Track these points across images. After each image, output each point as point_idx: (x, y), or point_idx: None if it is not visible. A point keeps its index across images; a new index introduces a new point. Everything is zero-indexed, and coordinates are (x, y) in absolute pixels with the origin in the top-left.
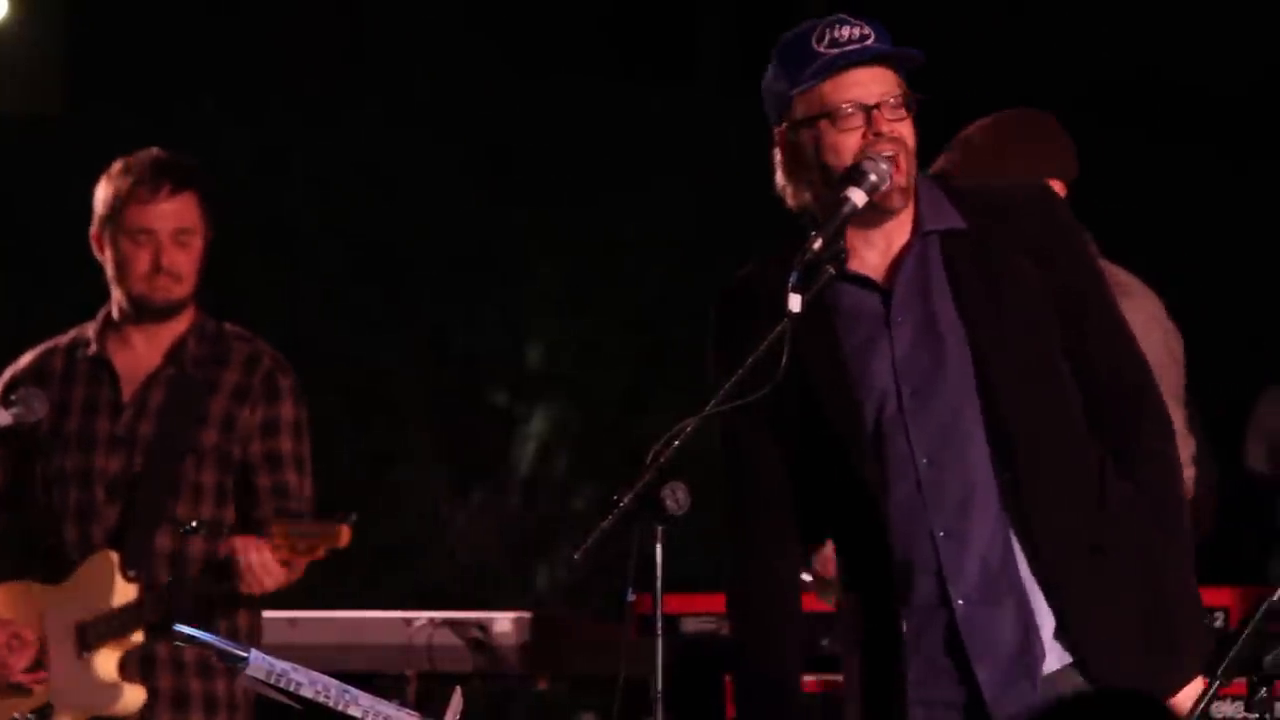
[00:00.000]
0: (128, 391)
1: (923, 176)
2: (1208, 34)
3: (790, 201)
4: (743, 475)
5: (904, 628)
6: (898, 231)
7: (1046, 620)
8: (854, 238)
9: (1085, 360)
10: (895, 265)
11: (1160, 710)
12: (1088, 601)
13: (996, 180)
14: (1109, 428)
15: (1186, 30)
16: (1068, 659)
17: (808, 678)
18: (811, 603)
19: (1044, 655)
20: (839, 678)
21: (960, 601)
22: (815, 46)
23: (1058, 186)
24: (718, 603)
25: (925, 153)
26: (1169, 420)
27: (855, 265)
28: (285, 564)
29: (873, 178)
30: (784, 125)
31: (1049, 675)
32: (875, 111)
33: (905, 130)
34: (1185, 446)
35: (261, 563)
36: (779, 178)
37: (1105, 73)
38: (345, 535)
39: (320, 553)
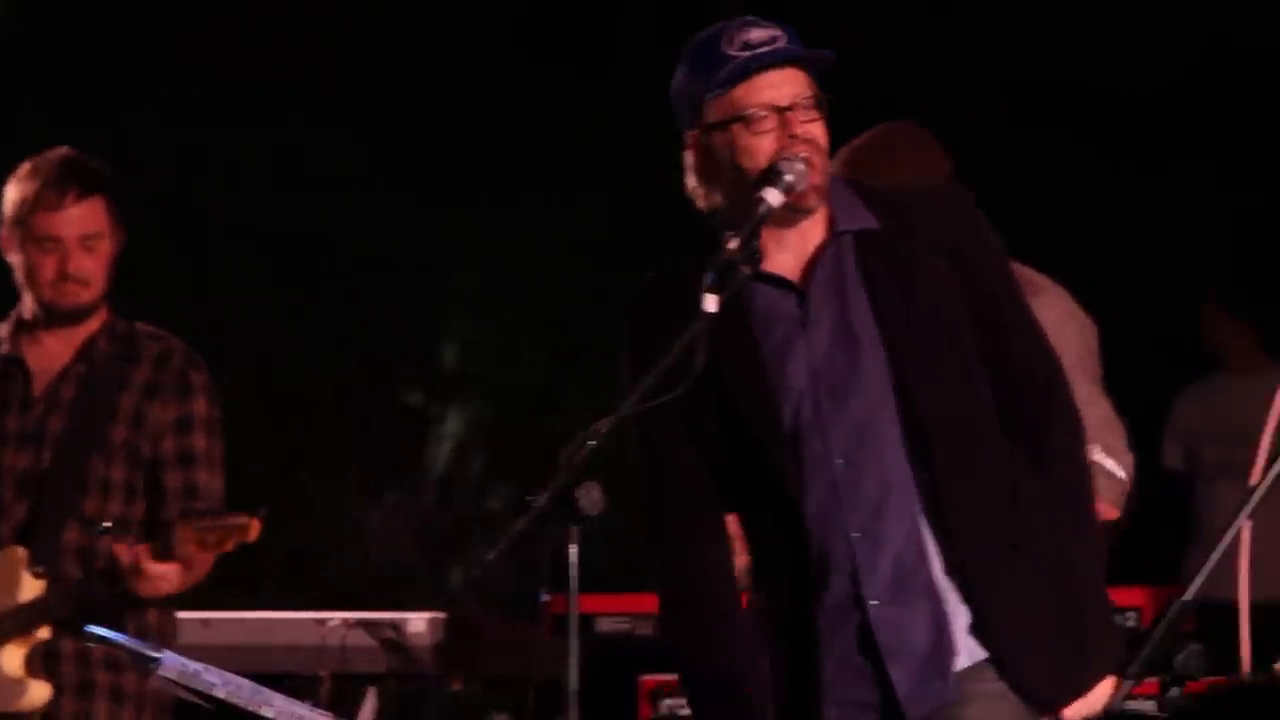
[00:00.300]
0: (38, 388)
1: (836, 178)
2: (1120, 37)
3: (701, 204)
4: (661, 476)
5: (818, 627)
6: (812, 232)
7: (960, 619)
8: (769, 239)
9: (997, 360)
10: (810, 266)
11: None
12: (1003, 600)
13: (911, 182)
14: (1020, 427)
15: (1099, 33)
16: (980, 655)
17: None
18: None
19: (956, 653)
20: None
21: (874, 601)
22: (725, 50)
23: None
24: (632, 603)
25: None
26: (1079, 420)
27: (770, 266)
28: (185, 560)
29: (788, 178)
30: (696, 129)
31: (961, 672)
32: (788, 113)
33: (818, 131)
34: (1118, 434)
35: (142, 568)
36: (690, 180)
37: (1020, 75)
38: (255, 528)
39: (229, 545)
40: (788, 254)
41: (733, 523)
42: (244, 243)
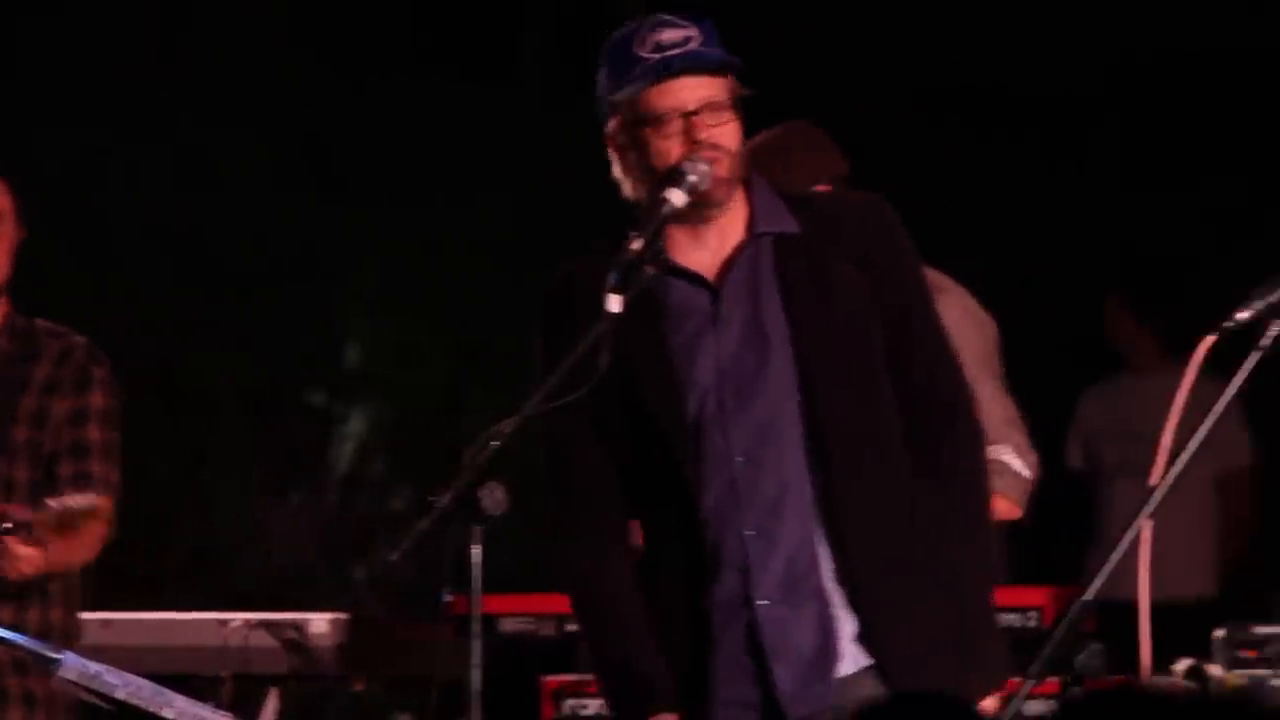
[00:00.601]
0: None
1: (760, 179)
2: (1027, 39)
3: (628, 193)
4: (566, 473)
5: (710, 624)
6: (731, 231)
7: (847, 625)
8: (686, 236)
9: (904, 374)
10: (727, 265)
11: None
12: (891, 610)
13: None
14: (922, 442)
15: (1007, 35)
16: (865, 663)
17: None
18: None
19: (841, 659)
20: None
21: (762, 601)
22: (637, 51)
23: (827, 188)
24: (535, 603)
25: None
26: (981, 438)
27: (687, 262)
28: (41, 542)
29: (692, 178)
30: (612, 128)
31: (844, 678)
32: (694, 118)
33: (726, 134)
34: (1022, 432)
35: (7, 548)
36: (615, 170)
37: (926, 76)
38: (103, 506)
39: (78, 527)
40: (705, 251)
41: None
42: (146, 242)
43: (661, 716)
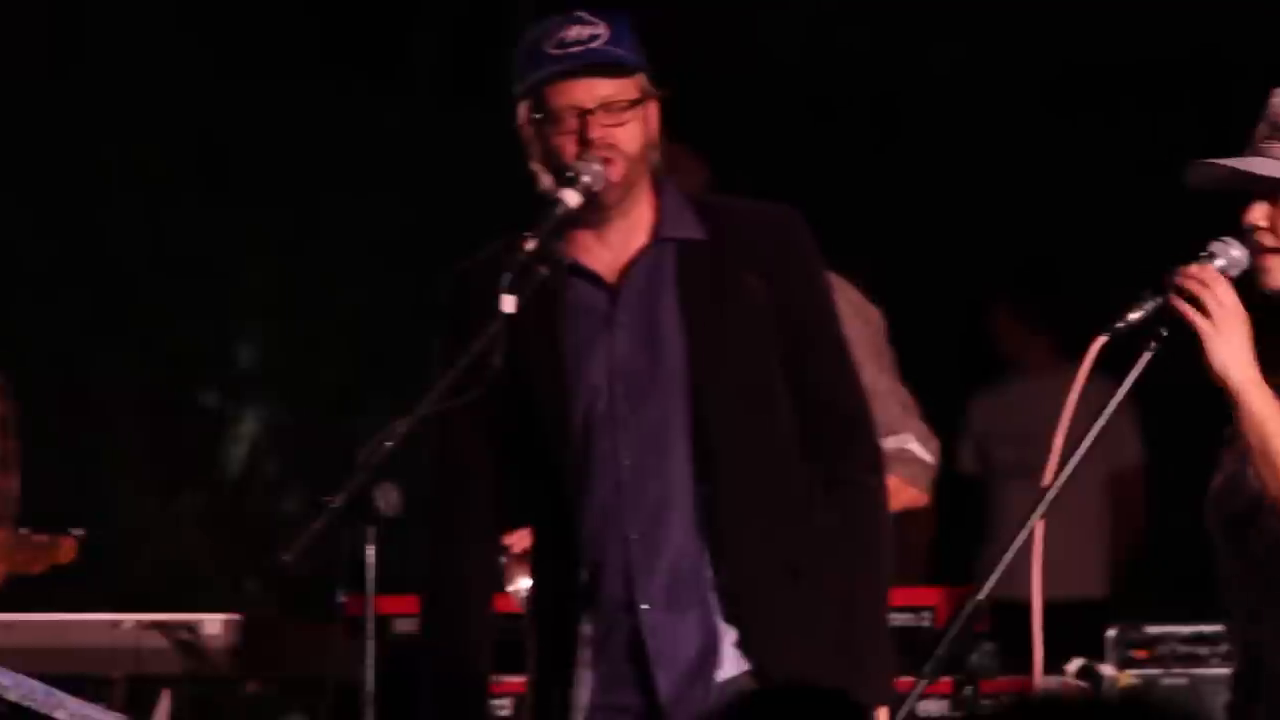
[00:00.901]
0: None
1: (670, 184)
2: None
3: (543, 185)
4: (449, 472)
5: (589, 630)
6: (634, 234)
7: (730, 632)
8: (589, 236)
9: (803, 387)
10: (628, 267)
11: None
12: (774, 620)
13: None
14: (820, 455)
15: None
16: (746, 666)
17: None
18: None
19: (721, 665)
20: None
21: (646, 606)
22: (544, 47)
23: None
24: None
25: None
26: (880, 454)
27: (589, 262)
28: None
29: (585, 179)
30: (521, 121)
31: (725, 682)
32: (589, 117)
33: (625, 135)
34: (919, 417)
35: None
36: (530, 163)
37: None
38: (69, 549)
39: (37, 568)
40: (608, 252)
41: (521, 540)
42: (39, 242)
43: None
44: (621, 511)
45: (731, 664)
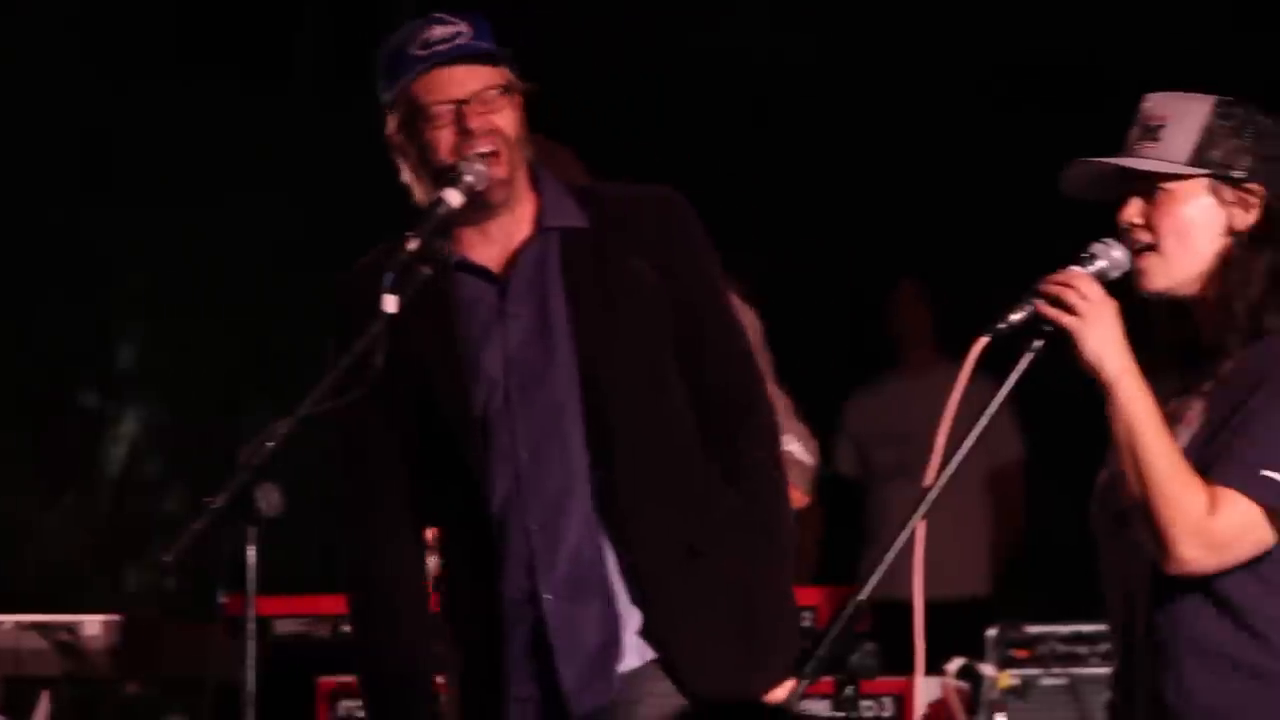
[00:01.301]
0: None
1: (547, 173)
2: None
3: (419, 197)
4: (358, 471)
5: (500, 621)
6: (518, 226)
7: (632, 620)
8: (473, 232)
9: (696, 372)
10: (514, 259)
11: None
12: (677, 604)
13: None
14: (716, 439)
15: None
16: (650, 656)
17: None
18: None
19: (625, 654)
20: None
21: (548, 596)
22: (409, 50)
23: None
24: (310, 604)
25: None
26: (776, 437)
27: (476, 256)
28: None
29: (468, 178)
30: (390, 128)
31: (631, 672)
32: (465, 107)
33: (503, 121)
34: (798, 419)
35: None
36: (403, 175)
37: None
38: None
39: None
40: (494, 247)
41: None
42: None
43: None
44: (522, 504)
45: (634, 654)
